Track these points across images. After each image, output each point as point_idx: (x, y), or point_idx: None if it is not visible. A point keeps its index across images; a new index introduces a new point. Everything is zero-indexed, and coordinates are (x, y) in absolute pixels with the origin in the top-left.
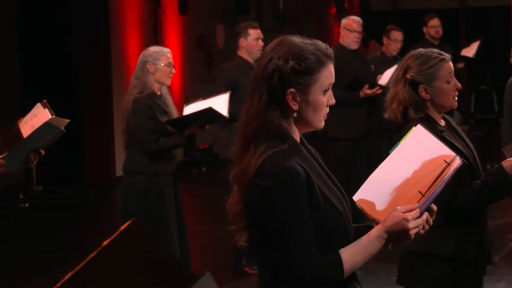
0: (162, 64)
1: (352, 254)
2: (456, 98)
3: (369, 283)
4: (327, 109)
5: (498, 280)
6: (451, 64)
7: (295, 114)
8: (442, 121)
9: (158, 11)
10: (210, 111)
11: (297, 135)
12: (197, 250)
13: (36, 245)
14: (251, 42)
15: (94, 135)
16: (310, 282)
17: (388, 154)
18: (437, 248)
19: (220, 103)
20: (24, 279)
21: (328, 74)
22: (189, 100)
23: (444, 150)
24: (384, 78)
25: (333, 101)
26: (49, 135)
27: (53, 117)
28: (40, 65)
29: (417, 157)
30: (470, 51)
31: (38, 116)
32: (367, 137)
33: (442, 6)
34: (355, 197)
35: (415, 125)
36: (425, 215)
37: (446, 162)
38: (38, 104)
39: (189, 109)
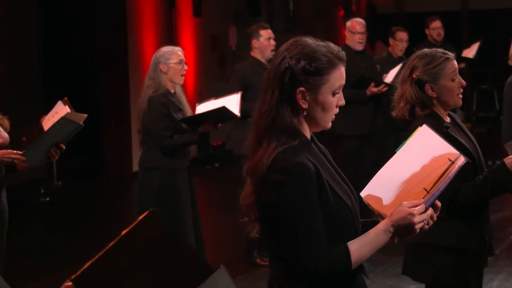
0: (174, 63)
1: (359, 247)
2: (461, 95)
3: (375, 275)
4: (337, 110)
5: (499, 272)
6: (455, 62)
7: (304, 112)
8: (448, 118)
9: (173, 13)
10: (223, 110)
11: (307, 132)
12: (210, 242)
13: (56, 237)
14: (263, 42)
15: (112, 132)
16: (320, 273)
17: (395, 152)
18: (441, 240)
19: (232, 103)
20: (46, 269)
21: (339, 75)
22: (203, 98)
23: (448, 149)
24: (389, 76)
25: (343, 102)
26: (68, 130)
27: (70, 111)
28: (61, 65)
29: (422, 155)
30: (470, 52)
31: (60, 113)
32: (373, 134)
33: (445, 9)
34: (363, 193)
35: (422, 123)
36: (430, 210)
37: (450, 160)
38: (59, 102)
39: (201, 108)
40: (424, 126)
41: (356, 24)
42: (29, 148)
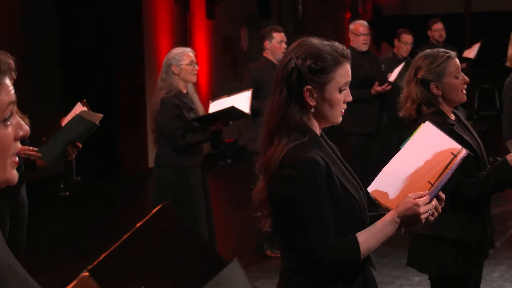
0: (185, 64)
1: (367, 238)
2: (465, 92)
3: (381, 266)
4: (344, 106)
5: (500, 264)
6: (457, 60)
7: (312, 110)
8: (452, 115)
9: (187, 16)
10: (232, 109)
11: (317, 129)
12: (223, 236)
13: (75, 230)
14: (275, 45)
15: (129, 130)
16: (329, 263)
17: (399, 148)
18: (444, 232)
19: (243, 100)
20: (65, 261)
21: (344, 73)
22: (215, 98)
23: (451, 143)
24: (393, 75)
25: (350, 98)
26: (83, 128)
27: (85, 110)
28: (81, 68)
29: (426, 150)
30: (471, 53)
31: None
32: (379, 132)
33: (448, 11)
34: (370, 188)
35: (427, 120)
36: (434, 201)
37: (453, 154)
38: (78, 103)
39: (214, 105)
40: (427, 123)
41: (360, 26)
42: (44, 145)
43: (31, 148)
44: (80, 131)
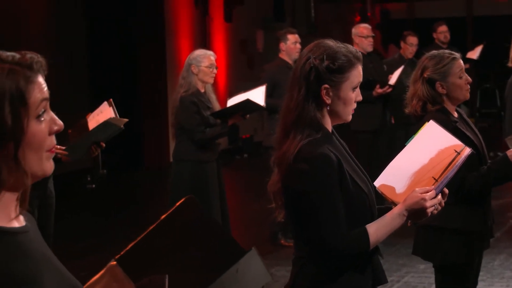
0: (205, 66)
1: (377, 229)
2: (468, 90)
3: (388, 255)
4: (355, 105)
5: (500, 252)
6: (461, 62)
7: (328, 107)
8: (455, 113)
9: (207, 19)
10: (248, 102)
11: (329, 126)
12: (238, 226)
13: (101, 221)
14: (290, 46)
15: (151, 127)
16: (341, 253)
17: (405, 145)
18: (448, 223)
19: (258, 94)
20: (91, 249)
21: (357, 73)
22: (233, 95)
23: (454, 141)
24: (393, 78)
25: (360, 97)
26: (109, 131)
27: (113, 117)
28: (107, 68)
29: (430, 148)
30: (474, 54)
31: (104, 112)
32: (383, 129)
33: (451, 15)
34: (376, 183)
35: (432, 117)
36: (439, 196)
37: (456, 151)
38: (105, 102)
39: (231, 101)
40: (431, 122)
41: (364, 28)
42: (71, 145)
43: (58, 147)
44: (106, 134)
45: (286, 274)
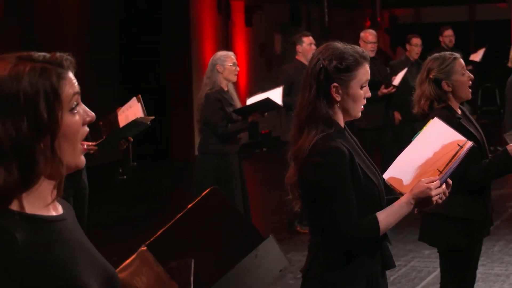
0: (229, 64)
1: (386, 216)
2: (470, 89)
3: (395, 241)
4: (364, 101)
5: (499, 239)
6: (462, 60)
7: (338, 104)
8: (459, 110)
9: (229, 24)
10: (267, 101)
11: (341, 122)
12: (258, 214)
13: (132, 210)
14: (306, 47)
15: (178, 123)
16: (353, 239)
17: (411, 141)
18: (452, 211)
19: (275, 94)
20: (123, 236)
21: (364, 71)
22: (252, 95)
23: (457, 136)
24: (397, 79)
25: (369, 94)
26: (137, 128)
27: (140, 116)
28: (136, 67)
29: (435, 142)
30: (477, 56)
31: (133, 108)
32: (386, 126)
33: (455, 20)
34: (385, 175)
35: (438, 114)
36: (444, 186)
37: (459, 145)
38: (134, 98)
39: (250, 100)
40: (435, 119)
41: (369, 35)
42: (102, 141)
43: (90, 143)
44: (134, 130)
45: (302, 258)
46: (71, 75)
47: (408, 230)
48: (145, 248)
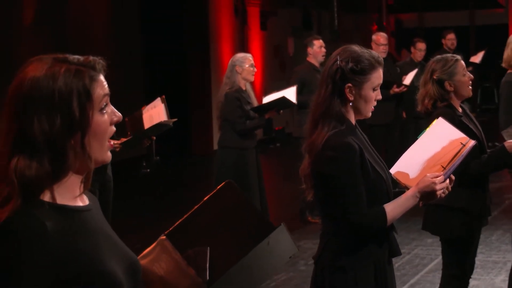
0: (247, 65)
1: (393, 208)
2: (471, 87)
3: (400, 230)
4: (375, 103)
5: (497, 229)
6: (463, 62)
7: (350, 104)
8: (460, 108)
9: (245, 28)
10: (283, 99)
11: (353, 120)
12: (272, 205)
13: (154, 201)
14: (316, 50)
15: (198, 119)
16: (362, 229)
17: (417, 138)
18: (454, 202)
19: (290, 93)
20: (145, 226)
21: (378, 75)
22: (267, 93)
23: (460, 135)
24: (408, 78)
25: (380, 96)
26: (160, 129)
27: (164, 120)
28: (160, 68)
29: (439, 140)
30: (477, 58)
31: (157, 108)
32: (395, 123)
33: (456, 24)
34: (392, 170)
35: (441, 112)
36: (447, 181)
37: (462, 144)
38: (158, 98)
39: (266, 99)
40: (440, 118)
41: (380, 37)
42: (127, 140)
43: (116, 141)
44: (157, 131)
45: (313, 246)
46: (102, 77)
47: (412, 220)
48: (164, 237)
